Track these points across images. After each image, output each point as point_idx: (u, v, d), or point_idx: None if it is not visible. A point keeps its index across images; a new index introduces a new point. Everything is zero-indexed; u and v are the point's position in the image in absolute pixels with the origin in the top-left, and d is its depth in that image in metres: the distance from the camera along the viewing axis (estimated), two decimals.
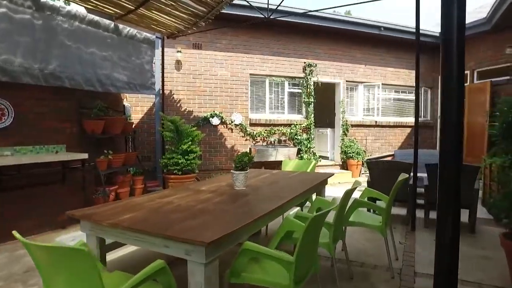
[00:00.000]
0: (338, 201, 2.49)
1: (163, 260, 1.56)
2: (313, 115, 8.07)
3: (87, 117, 4.75)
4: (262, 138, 7.61)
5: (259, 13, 5.82)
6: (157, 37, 6.04)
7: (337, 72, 8.43)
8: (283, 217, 3.09)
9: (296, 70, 7.98)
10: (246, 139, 7.48)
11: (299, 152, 7.80)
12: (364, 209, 3.51)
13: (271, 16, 5.57)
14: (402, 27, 8.51)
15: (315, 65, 8.05)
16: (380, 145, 9.04)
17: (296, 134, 7.87)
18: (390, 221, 3.14)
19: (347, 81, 8.58)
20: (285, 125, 7.84)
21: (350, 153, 8.21)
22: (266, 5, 5.69)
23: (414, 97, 9.24)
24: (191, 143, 5.53)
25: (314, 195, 3.60)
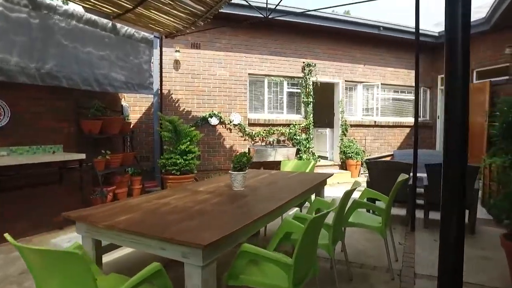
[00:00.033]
0: (337, 201, 2.46)
1: (160, 261, 1.53)
2: (312, 115, 8.04)
3: (84, 117, 4.72)
4: (261, 138, 7.58)
5: (258, 13, 5.79)
6: (155, 37, 6.00)
7: (336, 72, 8.40)
8: (282, 218, 3.07)
9: (295, 70, 7.95)
10: (245, 139, 7.45)
11: (298, 152, 7.78)
12: (363, 209, 3.49)
13: (270, 15, 5.55)
14: (401, 27, 8.50)
15: (314, 65, 8.03)
16: (379, 145, 9.02)
17: (295, 134, 7.84)
18: (389, 222, 3.12)
19: (346, 81, 8.56)
20: (284, 125, 7.81)
21: (349, 153, 8.19)
22: (265, 5, 5.66)
23: (413, 97, 9.37)
24: (189, 143, 5.50)
25: (313, 196, 3.58)
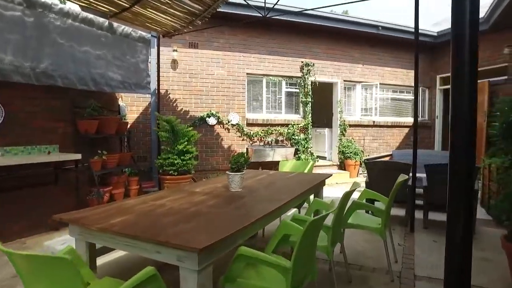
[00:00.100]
0: (336, 202, 2.42)
1: (156, 263, 1.48)
2: (310, 115, 8.00)
3: (80, 116, 4.66)
4: (259, 138, 7.54)
5: (256, 12, 5.76)
6: (153, 36, 5.95)
7: (334, 71, 8.37)
8: (280, 219, 3.03)
9: (293, 69, 7.91)
10: (243, 139, 7.41)
11: (296, 152, 7.74)
12: (362, 210, 3.45)
13: (268, 15, 5.51)
14: (400, 26, 8.47)
15: (313, 64, 7.99)
16: (378, 145, 8.99)
17: (293, 134, 7.80)
18: (389, 223, 3.08)
19: (344, 80, 8.53)
20: (282, 125, 7.77)
21: (347, 153, 8.16)
22: (263, 4, 5.62)
23: (411, 97, 9.37)
24: (187, 143, 5.45)
25: (311, 196, 3.54)
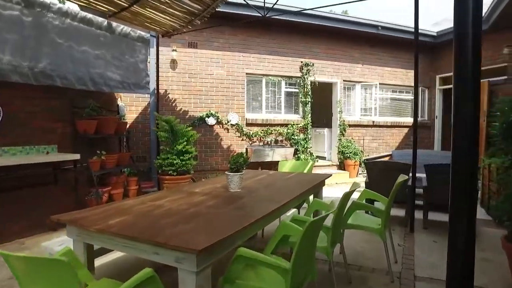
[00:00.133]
0: (335, 202, 2.41)
1: (154, 264, 1.46)
2: (310, 115, 7.99)
3: (79, 116, 4.64)
4: (258, 138, 7.53)
5: (255, 12, 5.74)
6: (152, 36, 5.93)
7: (334, 71, 8.36)
8: (280, 220, 3.02)
9: (293, 69, 7.90)
10: (242, 139, 7.39)
11: (296, 152, 7.72)
12: (362, 210, 3.44)
13: (267, 14, 5.49)
14: (400, 26, 8.47)
15: (312, 64, 7.98)
16: (377, 145, 8.98)
17: (293, 134, 7.79)
18: (388, 224, 3.07)
19: (344, 80, 8.52)
20: (282, 125, 7.76)
21: (347, 153, 8.15)
22: (262, 4, 5.61)
23: (411, 97, 9.36)
24: (186, 143, 5.43)
25: (311, 197, 3.53)
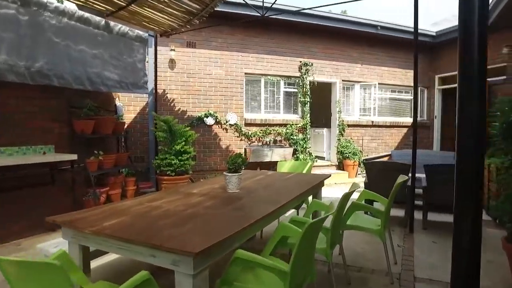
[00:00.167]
0: (335, 203, 2.39)
1: (150, 267, 1.43)
2: (309, 115, 7.97)
3: (77, 116, 4.61)
4: (257, 138, 7.50)
5: (254, 11, 5.72)
6: (150, 35, 5.90)
7: (333, 71, 8.34)
8: (279, 221, 2.99)
9: (292, 69, 7.87)
10: (241, 139, 7.36)
11: (295, 152, 7.70)
12: (361, 211, 3.42)
13: (266, 14, 5.47)
14: (399, 26, 8.45)
15: (311, 64, 7.96)
16: (376, 145, 8.97)
17: (291, 134, 7.76)
18: (388, 224, 3.05)
19: (343, 80, 8.50)
20: (280, 125, 7.74)
21: (346, 153, 8.13)
22: (261, 3, 5.58)
23: (410, 97, 9.35)
24: (184, 143, 5.40)
25: (310, 197, 3.50)
